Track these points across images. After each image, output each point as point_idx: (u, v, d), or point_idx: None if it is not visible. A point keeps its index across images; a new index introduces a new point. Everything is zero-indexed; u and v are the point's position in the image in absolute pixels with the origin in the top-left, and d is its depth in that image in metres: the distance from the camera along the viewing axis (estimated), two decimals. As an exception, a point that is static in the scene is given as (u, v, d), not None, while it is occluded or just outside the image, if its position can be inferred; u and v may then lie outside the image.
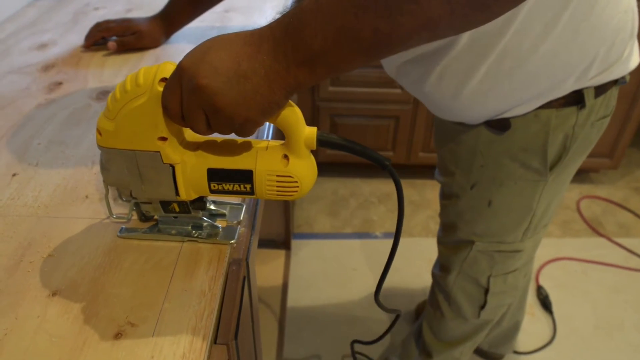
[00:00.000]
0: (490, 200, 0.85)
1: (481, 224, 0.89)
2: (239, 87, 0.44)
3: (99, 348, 0.47)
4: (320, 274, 1.70)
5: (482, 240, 0.90)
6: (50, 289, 0.53)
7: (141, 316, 0.50)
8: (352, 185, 2.13)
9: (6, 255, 0.57)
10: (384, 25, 0.40)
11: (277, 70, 0.44)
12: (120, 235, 0.59)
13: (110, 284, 0.54)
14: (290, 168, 0.52)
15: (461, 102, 0.74)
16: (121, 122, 0.49)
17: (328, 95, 1.90)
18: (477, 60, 0.69)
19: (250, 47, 0.44)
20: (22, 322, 0.50)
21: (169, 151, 0.51)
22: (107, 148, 0.51)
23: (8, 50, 1.03)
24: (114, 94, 0.49)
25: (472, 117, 0.78)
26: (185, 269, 0.55)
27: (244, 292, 0.59)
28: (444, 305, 1.05)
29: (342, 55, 0.43)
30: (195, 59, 0.45)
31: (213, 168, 0.53)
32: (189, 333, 0.49)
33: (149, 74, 0.47)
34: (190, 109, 0.46)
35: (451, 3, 0.39)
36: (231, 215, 0.63)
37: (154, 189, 0.54)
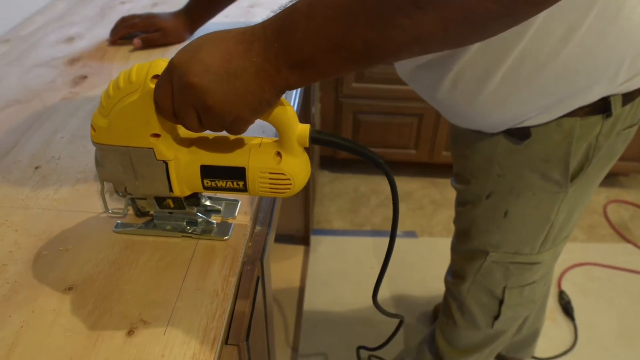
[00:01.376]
0: (506, 210, 0.83)
1: (496, 235, 0.87)
2: (230, 86, 0.44)
3: (111, 344, 0.48)
4: (338, 272, 1.69)
5: (497, 251, 0.88)
6: (66, 283, 0.54)
7: (154, 314, 0.50)
8: (373, 182, 2.12)
9: (26, 248, 0.58)
10: (374, 37, 0.40)
11: (267, 70, 0.44)
12: (115, 230, 0.60)
13: (125, 280, 0.54)
14: (282, 165, 0.52)
15: (477, 109, 0.72)
16: (114, 118, 0.50)
17: (351, 92, 1.88)
18: (492, 64, 0.66)
19: (242, 45, 0.44)
20: (38, 315, 0.50)
21: (162, 148, 0.51)
22: (101, 144, 0.52)
23: (36, 43, 1.05)
24: (107, 91, 0.49)
25: (489, 125, 0.75)
26: (199, 268, 0.55)
27: (258, 292, 0.59)
28: (456, 314, 1.03)
29: (332, 62, 0.43)
30: (187, 56, 0.45)
31: (206, 165, 0.53)
32: (200, 333, 0.49)
33: (142, 70, 0.48)
34: (181, 107, 0.46)
35: (445, 21, 0.38)
36: (226, 211, 0.63)
37: (148, 185, 0.54)
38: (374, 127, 1.98)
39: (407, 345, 1.47)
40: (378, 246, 1.80)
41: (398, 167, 2.14)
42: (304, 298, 1.54)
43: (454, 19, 0.38)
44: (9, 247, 0.58)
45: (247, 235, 0.60)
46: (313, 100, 1.45)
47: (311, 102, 1.41)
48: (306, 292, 1.57)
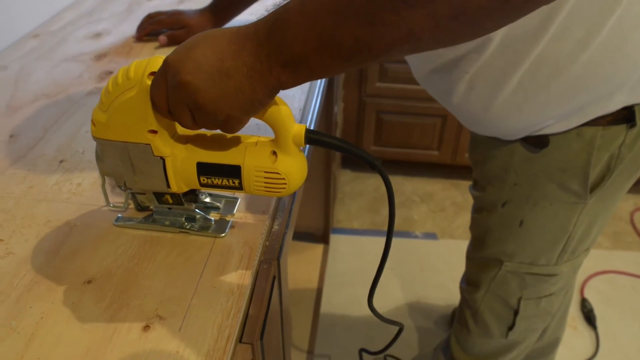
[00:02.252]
0: (522, 220, 0.80)
1: (511, 244, 0.84)
2: (222, 85, 0.44)
3: (127, 339, 0.48)
4: (357, 271, 1.69)
5: (512, 260, 0.86)
6: (86, 276, 0.54)
7: (170, 310, 0.51)
8: (395, 182, 2.10)
9: (49, 241, 0.59)
10: (364, 34, 0.39)
11: (259, 69, 0.44)
12: (116, 223, 0.61)
13: (143, 275, 0.54)
14: (277, 165, 0.52)
15: (493, 115, 0.70)
16: (113, 114, 0.50)
17: (375, 91, 1.87)
18: (509, 68, 0.64)
19: (235, 45, 0.44)
20: (58, 307, 0.51)
21: (159, 144, 0.52)
22: (100, 139, 0.53)
23: (65, 39, 1.07)
24: (107, 87, 0.50)
25: (505, 132, 0.73)
26: (216, 266, 0.56)
27: (273, 291, 0.59)
28: (470, 322, 1.01)
29: (323, 60, 0.42)
30: (181, 55, 0.45)
31: (202, 162, 0.53)
32: (214, 330, 0.49)
33: (140, 67, 0.48)
34: (175, 105, 0.47)
35: (435, 17, 0.37)
36: (225, 208, 0.63)
37: (146, 180, 0.55)
38: (396, 127, 1.97)
39: (423, 350, 1.46)
40: (398, 247, 1.79)
41: (420, 168, 2.13)
42: (321, 297, 1.54)
43: (445, 15, 0.37)
44: (32, 239, 0.59)
45: (265, 234, 0.60)
46: (336, 99, 1.45)
47: (334, 101, 1.41)
48: (324, 292, 1.57)
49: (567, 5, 0.57)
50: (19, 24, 1.08)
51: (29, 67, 0.96)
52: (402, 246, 1.79)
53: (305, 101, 0.86)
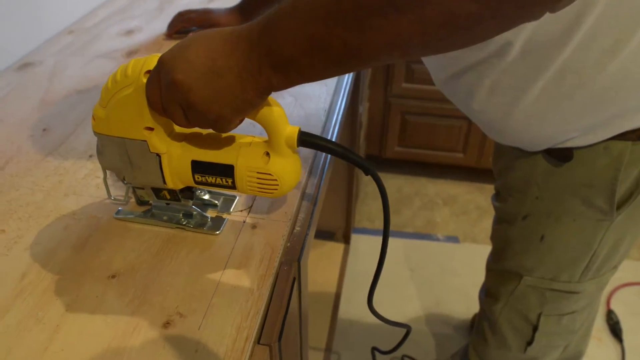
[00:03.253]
0: (543, 235, 0.78)
1: (531, 258, 0.82)
2: (213, 84, 0.45)
3: (148, 335, 0.49)
4: (377, 271, 1.68)
5: (532, 275, 0.83)
6: (110, 271, 0.55)
7: (190, 308, 0.51)
8: (418, 184, 2.09)
9: (75, 234, 0.60)
10: (352, 38, 0.39)
11: (250, 70, 0.44)
12: (116, 216, 0.62)
13: (165, 272, 0.55)
14: (270, 166, 0.52)
15: (514, 124, 0.67)
16: (111, 110, 0.51)
17: (400, 92, 1.86)
18: (531, 75, 0.61)
19: (228, 45, 0.44)
20: (82, 300, 0.52)
21: (155, 141, 0.52)
22: (100, 134, 0.54)
23: (99, 35, 1.09)
24: (107, 83, 0.51)
25: (527, 143, 0.71)
26: (237, 265, 0.56)
27: (293, 293, 0.59)
28: (488, 333, 0.99)
29: (313, 64, 0.42)
30: (175, 53, 0.46)
31: (197, 160, 0.54)
32: (233, 331, 0.49)
33: (137, 65, 0.49)
34: (167, 103, 0.47)
35: (423, 23, 0.36)
36: (223, 206, 0.64)
37: (144, 176, 0.56)
38: (421, 129, 1.95)
39: (440, 355, 1.44)
40: (419, 249, 1.77)
41: (444, 170, 2.10)
42: (340, 297, 1.54)
43: (433, 21, 0.36)
44: (59, 232, 0.60)
45: (286, 235, 0.60)
46: (361, 99, 1.44)
47: (359, 101, 1.40)
48: (343, 292, 1.57)
49: (594, 12, 0.55)
50: (55, 20, 1.10)
51: (64, 62, 0.98)
52: (423, 248, 1.78)
53: (331, 102, 0.86)
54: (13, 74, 0.94)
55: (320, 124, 0.79)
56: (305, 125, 0.78)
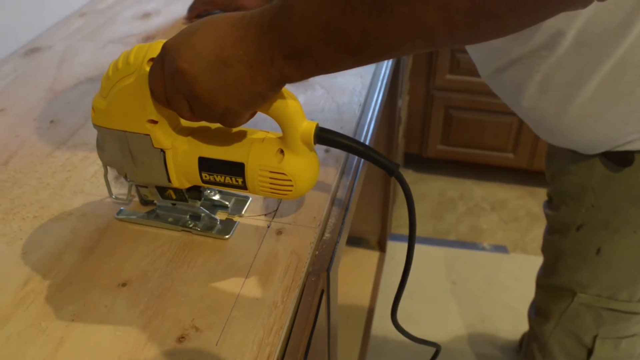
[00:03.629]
0: (599, 247, 0.76)
1: (586, 274, 0.80)
2: (220, 75, 0.44)
3: (161, 349, 0.48)
4: (415, 284, 1.66)
5: (587, 292, 0.81)
6: (120, 278, 0.55)
7: (207, 321, 0.51)
8: (463, 186, 2.05)
9: (83, 237, 0.60)
10: (372, 26, 0.38)
11: (261, 60, 0.43)
12: (117, 217, 0.62)
13: (180, 281, 0.55)
14: (284, 165, 0.51)
15: (567, 124, 0.66)
16: (112, 101, 0.51)
17: (444, 84, 1.83)
18: (586, 70, 0.60)
19: (238, 32, 0.44)
20: (90, 309, 0.52)
21: (159, 135, 0.52)
22: (100, 127, 0.54)
23: (113, 19, 1.10)
24: (107, 71, 0.50)
25: (581, 144, 0.69)
26: (259, 275, 0.55)
27: (321, 307, 0.58)
28: (537, 355, 0.96)
29: (328, 53, 0.41)
30: (180, 40, 0.45)
31: (204, 157, 0.53)
32: (254, 347, 0.48)
33: (140, 52, 0.48)
34: (171, 93, 0.47)
35: (449, 10, 0.35)
36: (234, 208, 0.63)
37: (147, 173, 0.56)
38: (467, 125, 1.92)
39: (487, 376, 1.42)
40: (463, 259, 1.74)
41: (492, 172, 2.07)
42: (374, 311, 1.52)
43: (460, 7, 0.35)
44: (66, 235, 0.60)
45: (314, 242, 0.59)
46: (400, 92, 1.42)
47: (398, 94, 1.38)
48: (377, 305, 1.55)
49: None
50: (66, 1, 1.11)
51: (74, 48, 0.99)
52: (467, 258, 1.75)
53: (367, 95, 0.84)
54: (19, 59, 0.96)
55: (355, 119, 0.78)
56: (337, 120, 0.77)
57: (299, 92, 0.83)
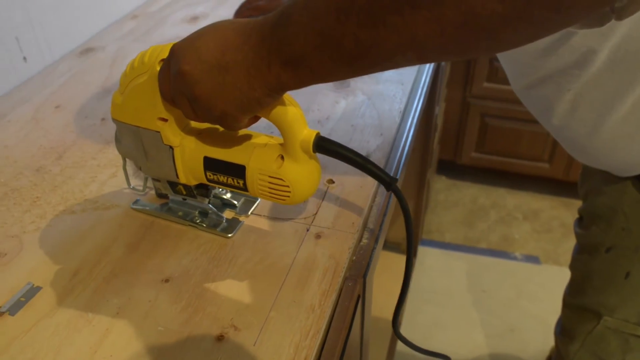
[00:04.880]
0: (628, 272, 0.72)
1: (613, 297, 0.76)
2: (219, 78, 0.45)
3: (200, 347, 0.49)
4: (444, 290, 1.64)
5: (613, 316, 0.78)
6: (164, 274, 0.56)
7: (246, 321, 0.51)
8: (495, 195, 2.02)
9: (130, 232, 0.61)
10: (365, 35, 0.38)
11: (258, 66, 0.43)
12: (133, 206, 0.64)
13: (221, 279, 0.55)
14: (282, 170, 0.52)
15: (599, 144, 0.63)
16: (127, 97, 0.53)
17: (481, 92, 1.81)
18: (620, 89, 0.57)
19: (240, 37, 0.44)
20: (135, 303, 0.53)
21: (169, 133, 0.54)
22: (116, 120, 0.56)
23: (163, 21, 1.12)
24: (125, 69, 0.52)
25: (614, 165, 0.66)
26: (298, 278, 0.55)
27: (356, 313, 0.57)
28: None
29: (323, 61, 0.41)
30: (186, 43, 0.46)
31: (209, 157, 0.55)
32: (291, 350, 0.48)
33: (154, 52, 0.50)
34: (175, 93, 0.48)
35: (441, 22, 0.34)
36: (242, 208, 0.64)
37: (157, 168, 0.58)
38: (502, 134, 1.88)
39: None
40: (493, 268, 1.71)
41: (526, 181, 2.03)
42: (402, 314, 1.51)
43: (452, 20, 0.34)
44: (114, 229, 0.61)
45: (352, 247, 0.59)
46: (438, 99, 1.41)
47: (435, 102, 1.37)
48: (406, 308, 1.54)
49: None
50: (120, 3, 1.14)
51: (126, 49, 1.01)
52: (498, 267, 1.72)
53: (407, 102, 0.84)
54: (75, 59, 0.98)
55: (395, 125, 0.77)
56: (377, 127, 0.77)
57: (340, 97, 0.83)
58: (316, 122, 0.78)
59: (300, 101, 0.73)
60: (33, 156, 0.73)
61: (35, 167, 0.71)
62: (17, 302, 0.53)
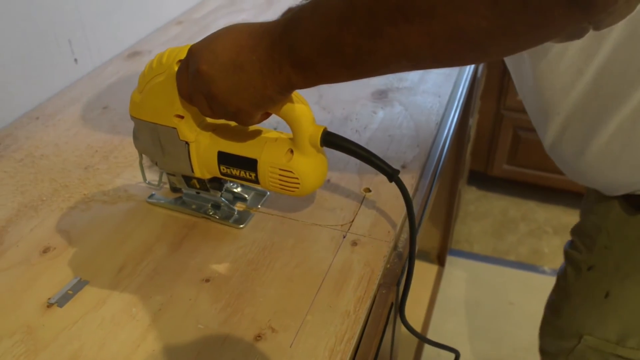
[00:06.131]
0: (608, 291, 0.71)
1: (593, 317, 0.75)
2: (234, 77, 0.48)
3: (238, 346, 0.50)
4: (471, 301, 1.62)
5: (594, 335, 0.76)
6: (204, 274, 0.57)
7: (283, 323, 0.52)
8: (526, 207, 1.99)
9: (173, 232, 0.62)
10: (364, 44, 0.41)
11: (270, 66, 0.46)
12: (148, 200, 0.67)
13: (259, 282, 0.56)
14: (292, 163, 0.54)
15: (586, 164, 0.63)
16: (146, 95, 0.56)
17: (515, 105, 1.79)
18: (605, 110, 0.57)
19: (253, 39, 0.47)
20: (176, 301, 0.54)
21: (185, 129, 0.56)
22: (135, 118, 0.58)
23: (206, 28, 1.14)
24: (144, 70, 0.55)
25: (601, 185, 0.66)
26: (334, 283, 0.56)
27: (389, 320, 0.58)
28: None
29: (327, 65, 0.44)
30: (203, 44, 0.49)
31: (223, 151, 0.57)
32: (325, 353, 0.49)
33: (172, 54, 0.53)
34: (193, 92, 0.51)
35: (431, 35, 0.37)
36: (252, 201, 0.67)
37: (174, 163, 0.60)
38: (535, 147, 1.85)
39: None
40: (521, 281, 1.69)
41: (557, 195, 1.99)
42: (429, 323, 1.50)
43: (441, 34, 0.37)
44: (157, 228, 0.63)
45: (387, 256, 0.60)
46: (472, 111, 1.40)
47: (470, 113, 1.36)
48: (432, 317, 1.53)
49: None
50: (166, 9, 1.16)
51: (170, 53, 1.03)
52: (526, 280, 1.69)
53: (443, 114, 0.84)
54: (122, 62, 1.01)
55: (431, 137, 0.78)
56: (414, 137, 0.77)
57: (378, 108, 0.84)
58: (354, 131, 0.78)
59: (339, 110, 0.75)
60: (81, 155, 0.75)
61: (84, 165, 0.73)
62: (65, 294, 0.55)
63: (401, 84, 0.90)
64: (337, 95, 0.87)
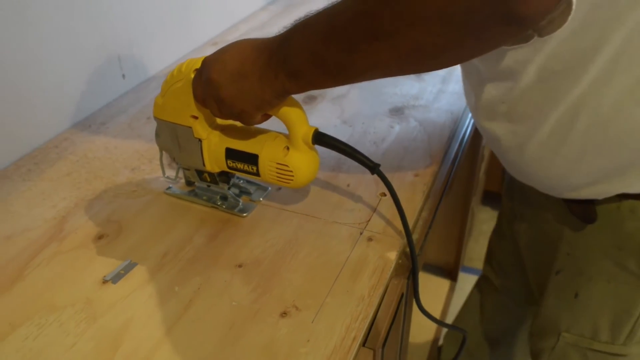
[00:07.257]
0: (577, 292, 0.76)
1: (567, 315, 0.80)
2: (239, 84, 0.56)
3: (266, 321, 0.57)
4: (483, 315, 1.66)
5: (570, 332, 0.81)
6: (237, 260, 0.65)
7: (305, 303, 0.59)
8: (539, 229, 2.03)
9: (210, 225, 0.70)
10: (344, 58, 0.49)
11: (268, 75, 0.55)
12: (166, 192, 0.76)
13: (285, 268, 0.63)
14: (287, 158, 0.63)
15: (527, 158, 0.66)
16: (167, 99, 0.65)
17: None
18: (547, 105, 0.60)
19: (255, 52, 0.55)
20: (213, 282, 0.62)
21: (199, 128, 0.65)
22: (158, 118, 0.68)
23: (239, 48, 1.23)
24: (166, 78, 0.64)
25: (540, 182, 0.69)
26: (351, 273, 0.63)
27: (400, 306, 0.64)
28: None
29: (315, 76, 0.53)
30: (215, 56, 0.59)
31: (230, 148, 0.66)
32: (342, 330, 0.56)
33: (190, 64, 0.62)
34: (205, 96, 0.60)
35: (398, 50, 0.45)
36: (256, 194, 0.75)
37: (189, 158, 0.69)
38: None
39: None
40: (532, 298, 1.72)
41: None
42: (440, 334, 1.55)
43: (406, 49, 0.45)
44: (196, 222, 0.71)
45: (399, 252, 0.66)
46: (485, 132, 1.46)
47: (483, 134, 1.42)
48: (443, 331, 1.58)
49: (610, 46, 0.53)
50: (202, 31, 1.26)
51: (207, 71, 1.12)
52: (537, 298, 1.73)
53: (455, 130, 0.91)
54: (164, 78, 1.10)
55: (442, 151, 0.85)
56: (426, 150, 0.84)
57: (395, 122, 0.91)
58: (372, 143, 0.86)
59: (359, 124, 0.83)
60: (129, 158, 0.84)
61: (131, 167, 0.82)
62: (117, 274, 0.63)
63: (417, 102, 0.98)
64: (358, 111, 0.95)
